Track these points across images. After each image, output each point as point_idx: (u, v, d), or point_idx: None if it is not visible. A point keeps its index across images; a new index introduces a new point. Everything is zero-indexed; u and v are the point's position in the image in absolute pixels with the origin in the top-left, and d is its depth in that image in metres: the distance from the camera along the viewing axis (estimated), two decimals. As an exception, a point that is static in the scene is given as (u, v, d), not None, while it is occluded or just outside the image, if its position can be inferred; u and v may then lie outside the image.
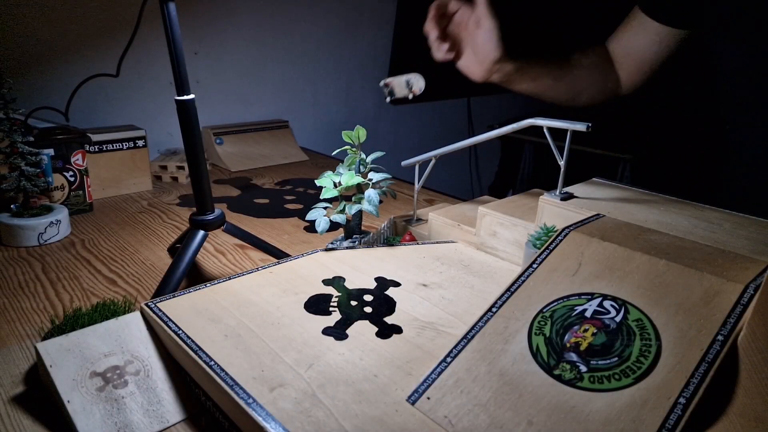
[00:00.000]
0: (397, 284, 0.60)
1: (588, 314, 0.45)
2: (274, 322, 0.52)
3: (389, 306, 0.56)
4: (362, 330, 0.51)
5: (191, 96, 0.64)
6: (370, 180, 0.68)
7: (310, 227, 0.93)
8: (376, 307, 0.55)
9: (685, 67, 1.03)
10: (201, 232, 0.68)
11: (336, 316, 0.54)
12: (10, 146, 0.80)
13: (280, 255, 0.78)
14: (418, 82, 0.76)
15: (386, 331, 0.51)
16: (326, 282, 0.60)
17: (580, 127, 0.57)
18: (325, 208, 0.68)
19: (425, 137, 2.04)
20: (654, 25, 0.95)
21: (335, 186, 0.67)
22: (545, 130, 0.62)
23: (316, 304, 0.56)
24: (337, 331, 0.51)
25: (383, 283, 0.60)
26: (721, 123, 0.95)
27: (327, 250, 0.68)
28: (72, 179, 0.94)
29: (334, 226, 0.67)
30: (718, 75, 0.90)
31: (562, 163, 0.61)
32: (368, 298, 0.57)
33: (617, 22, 1.04)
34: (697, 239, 0.51)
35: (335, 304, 0.56)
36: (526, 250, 0.59)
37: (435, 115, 2.05)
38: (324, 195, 0.66)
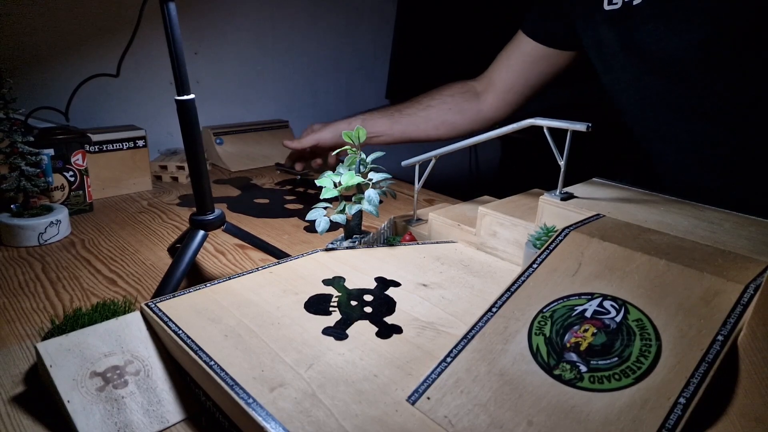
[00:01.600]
0: (397, 284, 0.60)
1: (588, 314, 0.45)
2: (274, 322, 0.52)
3: (389, 306, 0.56)
4: (362, 330, 0.51)
5: (191, 96, 0.64)
6: (370, 180, 0.68)
7: (310, 227, 0.93)
8: (376, 307, 0.55)
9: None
10: (201, 232, 0.68)
11: (336, 316, 0.54)
12: (10, 146, 0.80)
13: (280, 255, 0.78)
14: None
15: (386, 331, 0.51)
16: (326, 282, 0.60)
17: (580, 127, 0.57)
18: (325, 208, 0.68)
19: (425, 137, 2.03)
20: (533, 46, 1.02)
21: (335, 186, 0.67)
22: (545, 130, 0.62)
23: (316, 304, 0.56)
24: (337, 331, 0.51)
25: (383, 283, 0.60)
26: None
27: (327, 250, 0.68)
28: (72, 179, 0.94)
29: (334, 226, 0.67)
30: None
31: (562, 163, 0.61)
32: (368, 298, 0.57)
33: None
34: (697, 239, 0.51)
35: (335, 304, 0.56)
36: (526, 250, 0.59)
37: (435, 115, 2.05)
38: (324, 195, 0.66)
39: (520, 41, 1.04)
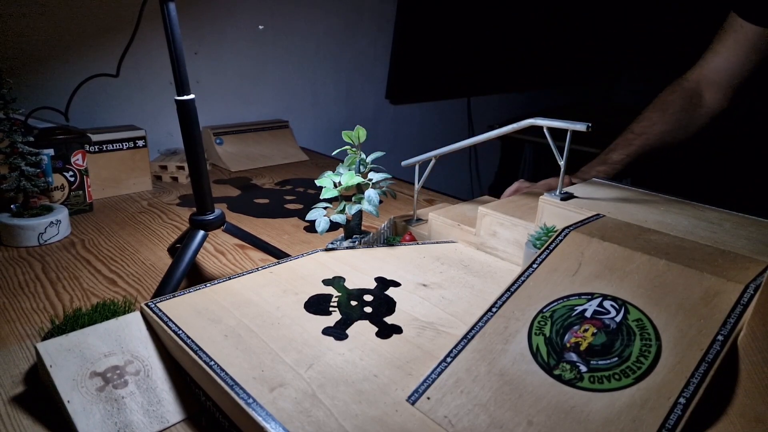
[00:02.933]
0: (397, 284, 0.60)
1: (588, 314, 0.45)
2: (274, 322, 0.52)
3: (389, 306, 0.56)
4: (362, 330, 0.51)
5: (191, 96, 0.64)
6: (370, 180, 0.68)
7: (310, 227, 0.93)
8: (376, 307, 0.55)
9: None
10: (201, 232, 0.68)
11: (336, 316, 0.54)
12: (10, 146, 0.80)
13: (280, 255, 0.78)
14: None
15: (386, 331, 0.51)
16: (326, 282, 0.60)
17: (580, 127, 0.57)
18: (325, 208, 0.68)
19: (425, 137, 2.04)
20: (753, 31, 0.92)
21: (335, 186, 0.67)
22: (545, 130, 0.62)
23: (316, 304, 0.56)
24: (337, 331, 0.51)
25: (383, 283, 0.60)
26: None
27: (327, 250, 0.68)
28: (72, 179, 0.94)
29: (334, 226, 0.67)
30: None
31: (562, 163, 0.61)
32: (368, 298, 0.57)
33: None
34: (697, 239, 0.51)
35: (335, 304, 0.56)
36: (526, 250, 0.59)
37: (435, 115, 2.05)
38: (324, 195, 0.66)
39: (737, 28, 0.95)
